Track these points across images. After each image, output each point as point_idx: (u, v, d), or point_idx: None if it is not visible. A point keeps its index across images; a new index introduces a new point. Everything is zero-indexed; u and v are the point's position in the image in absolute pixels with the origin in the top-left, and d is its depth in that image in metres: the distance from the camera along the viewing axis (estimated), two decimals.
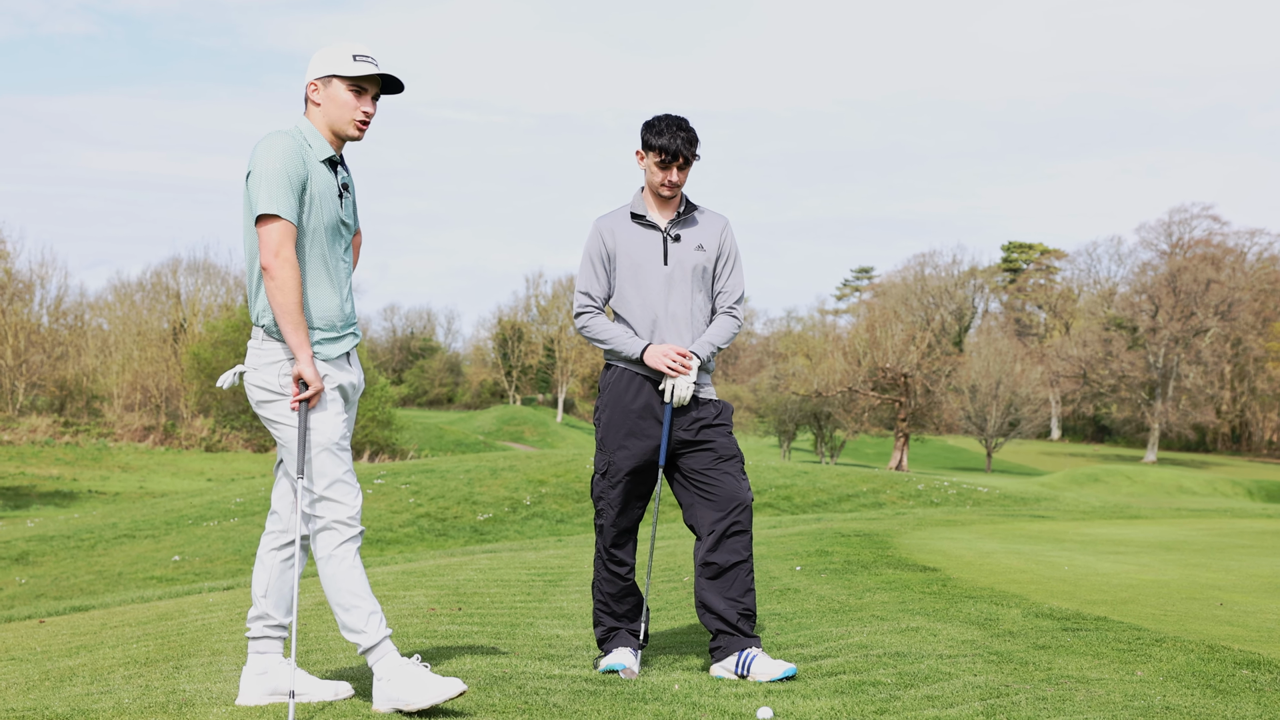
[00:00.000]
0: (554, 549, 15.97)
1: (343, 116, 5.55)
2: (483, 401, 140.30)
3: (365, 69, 5.57)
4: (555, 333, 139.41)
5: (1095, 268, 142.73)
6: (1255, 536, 15.24)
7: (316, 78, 5.55)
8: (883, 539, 13.13)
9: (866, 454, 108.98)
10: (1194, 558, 12.02)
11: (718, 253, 6.68)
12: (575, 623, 8.26)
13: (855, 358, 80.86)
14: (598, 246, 6.65)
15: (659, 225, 6.62)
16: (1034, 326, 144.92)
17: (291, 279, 5.29)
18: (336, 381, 5.51)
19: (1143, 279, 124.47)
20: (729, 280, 6.73)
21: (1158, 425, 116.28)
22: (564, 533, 24.76)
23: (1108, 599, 8.77)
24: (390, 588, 10.25)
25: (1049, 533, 15.40)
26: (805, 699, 5.73)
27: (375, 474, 30.00)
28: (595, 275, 6.68)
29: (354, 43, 5.61)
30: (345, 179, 5.64)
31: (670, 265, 6.58)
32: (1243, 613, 8.20)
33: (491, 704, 5.49)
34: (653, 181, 6.57)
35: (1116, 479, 67.51)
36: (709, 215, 6.75)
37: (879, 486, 30.18)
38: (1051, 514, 20.88)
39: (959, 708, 5.45)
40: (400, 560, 16.21)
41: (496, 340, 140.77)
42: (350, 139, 5.61)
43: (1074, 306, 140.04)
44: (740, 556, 6.49)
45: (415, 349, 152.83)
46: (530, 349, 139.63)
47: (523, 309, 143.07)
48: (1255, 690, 5.69)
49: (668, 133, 6.50)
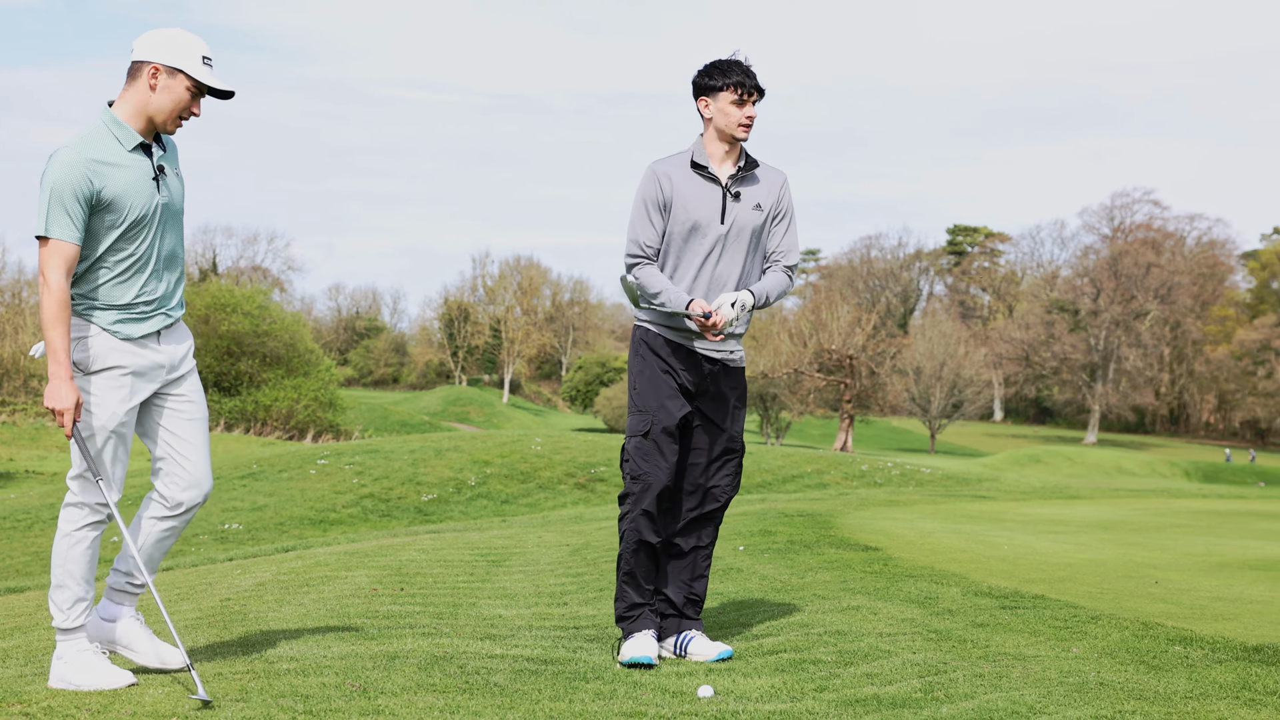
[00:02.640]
0: (498, 529, 15.97)
1: (171, 111, 5.53)
2: (428, 382, 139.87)
3: (213, 77, 5.56)
4: (502, 313, 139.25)
5: (1038, 251, 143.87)
6: (1191, 516, 15.41)
7: (163, 64, 5.49)
8: (826, 519, 13.20)
9: (812, 435, 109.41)
10: (1131, 537, 12.14)
11: (775, 210, 6.40)
12: (518, 602, 8.26)
13: (801, 340, 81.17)
14: (654, 192, 6.30)
15: (720, 179, 6.31)
16: (978, 309, 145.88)
17: (50, 302, 5.35)
18: (129, 366, 5.56)
19: (1085, 262, 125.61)
20: (785, 238, 6.44)
21: (1098, 407, 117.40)
22: (508, 513, 24.74)
23: (1045, 577, 8.85)
24: (332, 568, 10.22)
25: (990, 513, 15.52)
26: (746, 677, 5.76)
27: (319, 455, 29.87)
28: (650, 222, 6.31)
29: (202, 41, 5.59)
30: (162, 159, 5.61)
31: (727, 224, 6.28)
32: (1177, 590, 8.30)
33: (432, 684, 5.49)
34: (730, 123, 6.23)
35: (1057, 460, 68.12)
36: (768, 171, 6.44)
37: (823, 467, 30.31)
38: (992, 494, 21.05)
39: (898, 685, 5.50)
40: (343, 541, 16.16)
41: (442, 320, 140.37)
42: (166, 133, 5.62)
43: (1017, 289, 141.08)
44: (703, 543, 6.48)
45: (360, 329, 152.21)
46: (476, 329, 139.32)
47: (469, 289, 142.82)
48: (1187, 666, 5.76)
49: (736, 68, 6.22)
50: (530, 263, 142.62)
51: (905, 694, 5.32)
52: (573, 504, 26.14)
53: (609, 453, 29.90)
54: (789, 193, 6.44)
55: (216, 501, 24.98)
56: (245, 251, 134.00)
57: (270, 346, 64.01)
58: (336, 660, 5.98)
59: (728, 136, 6.29)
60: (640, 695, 5.42)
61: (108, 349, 5.51)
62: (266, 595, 8.63)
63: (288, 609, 7.85)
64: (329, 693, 5.30)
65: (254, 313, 64.29)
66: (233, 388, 63.18)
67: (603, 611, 7.79)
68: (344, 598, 8.34)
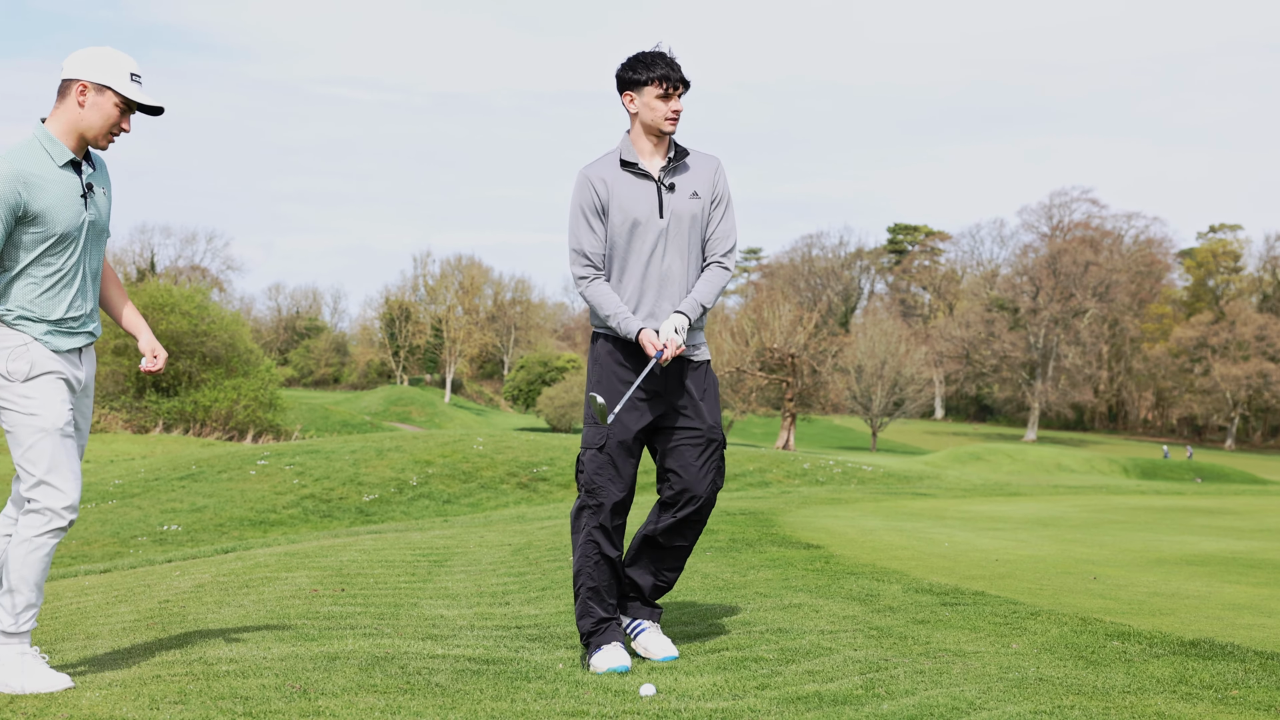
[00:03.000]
0: (440, 529, 15.90)
1: (102, 127, 5.59)
2: (369, 382, 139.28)
3: (141, 94, 5.61)
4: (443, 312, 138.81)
5: (978, 250, 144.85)
6: (1129, 512, 15.55)
7: (91, 82, 5.53)
8: (768, 517, 13.23)
9: (754, 434, 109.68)
10: (1070, 533, 12.24)
11: (711, 197, 6.27)
12: (460, 602, 8.23)
13: (743, 338, 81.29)
14: (589, 198, 6.18)
15: (652, 173, 6.20)
16: (919, 307, 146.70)
17: None
18: (64, 373, 5.61)
19: (1024, 261, 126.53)
20: (720, 225, 6.30)
21: (1038, 404, 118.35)
22: (450, 513, 24.66)
23: (986, 574, 8.91)
24: (272, 569, 10.15)
25: (930, 510, 15.60)
26: (688, 675, 5.76)
27: (259, 455, 29.67)
28: (590, 230, 6.19)
29: (129, 58, 5.62)
30: (91, 178, 5.65)
31: (666, 218, 6.18)
32: (1115, 586, 8.37)
33: (373, 684, 5.47)
34: (656, 117, 6.12)
35: (997, 457, 68.53)
36: (700, 157, 6.33)
37: (765, 466, 30.38)
38: (933, 492, 21.15)
39: (839, 682, 5.52)
40: (284, 541, 16.05)
41: (384, 320, 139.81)
42: (98, 149, 5.67)
43: (957, 288, 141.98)
44: (686, 541, 6.37)
45: (301, 329, 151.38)
46: (418, 329, 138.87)
47: (410, 288, 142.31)
48: (1125, 661, 5.81)
49: (660, 61, 6.10)
50: (472, 262, 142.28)
51: (846, 691, 5.34)
52: (515, 503, 26.08)
53: (551, 452, 29.86)
54: (724, 177, 6.34)
55: (155, 503, 24.78)
56: (184, 251, 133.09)
57: (209, 346, 63.47)
58: (276, 661, 5.94)
59: (655, 130, 6.19)
60: (582, 694, 5.41)
61: (44, 356, 5.55)
62: (205, 597, 8.56)
63: (227, 610, 7.80)
64: (269, 694, 5.27)
65: (193, 312, 63.71)
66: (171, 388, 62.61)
67: (545, 611, 7.78)
68: (284, 599, 8.29)
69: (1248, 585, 8.58)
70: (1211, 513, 16.00)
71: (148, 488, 26.46)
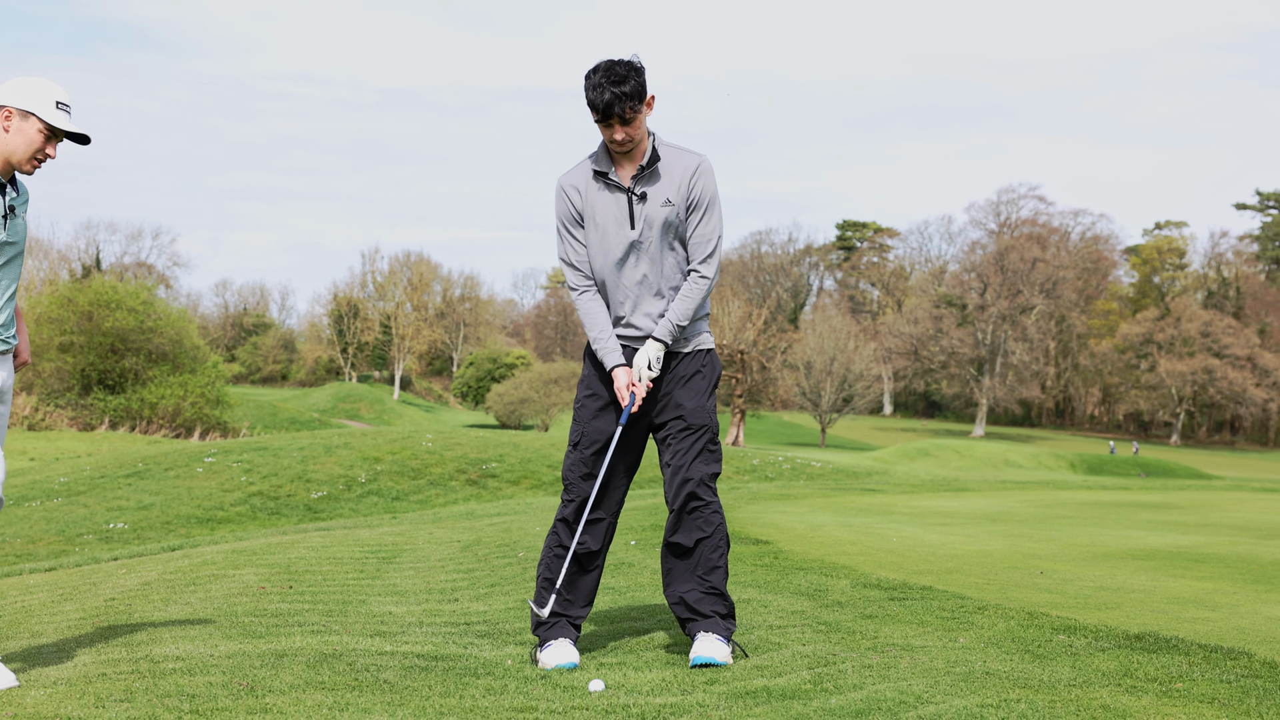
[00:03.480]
0: (389, 526, 15.86)
1: (26, 153, 5.67)
2: (318, 379, 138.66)
3: (66, 121, 5.68)
4: (392, 309, 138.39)
5: (927, 246, 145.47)
6: (1076, 508, 15.67)
7: (16, 108, 5.62)
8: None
9: None
10: (1017, 528, 12.32)
11: (686, 201, 6.05)
12: (408, 599, 8.21)
13: None
14: (566, 209, 6.12)
15: (623, 183, 6.05)
16: (867, 304, 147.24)
17: None
18: None
19: (972, 257, 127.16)
20: (698, 229, 6.08)
21: (985, 401, 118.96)
22: (399, 510, 24.58)
23: (934, 569, 8.96)
24: (220, 566, 10.09)
25: (879, 505, 15.67)
26: (637, 671, 5.76)
27: (206, 452, 29.47)
28: (573, 239, 6.14)
29: (57, 87, 5.71)
30: (13, 200, 5.72)
31: (639, 228, 6.04)
32: (1061, 581, 8.44)
33: (321, 681, 5.44)
34: (606, 138, 5.98)
35: (945, 453, 68.89)
36: (677, 160, 6.09)
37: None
38: (882, 487, 21.25)
39: (787, 677, 5.53)
40: (231, 539, 15.96)
41: (332, 317, 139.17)
42: (23, 173, 5.73)
43: (906, 284, 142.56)
44: (705, 533, 6.12)
45: (248, 325, 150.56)
46: (366, 325, 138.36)
47: (359, 285, 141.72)
48: (1071, 654, 5.86)
49: (597, 88, 5.85)
50: (420, 258, 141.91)
51: (795, 685, 5.35)
52: (464, 500, 26.03)
53: (500, 449, 29.81)
54: (703, 179, 6.06)
55: (101, 501, 24.58)
56: (129, 247, 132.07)
57: (156, 343, 63.02)
58: (223, 659, 5.91)
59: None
60: (531, 690, 5.40)
61: None
62: (152, 595, 8.50)
63: (174, 608, 7.75)
64: (216, 691, 5.24)
65: (139, 309, 63.23)
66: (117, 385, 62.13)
67: (494, 607, 7.76)
68: (231, 596, 8.24)
69: (1192, 579, 8.66)
70: (1157, 508, 16.15)
71: (94, 485, 26.24)
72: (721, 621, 6.07)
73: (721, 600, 6.11)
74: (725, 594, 6.13)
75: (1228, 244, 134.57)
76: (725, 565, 6.17)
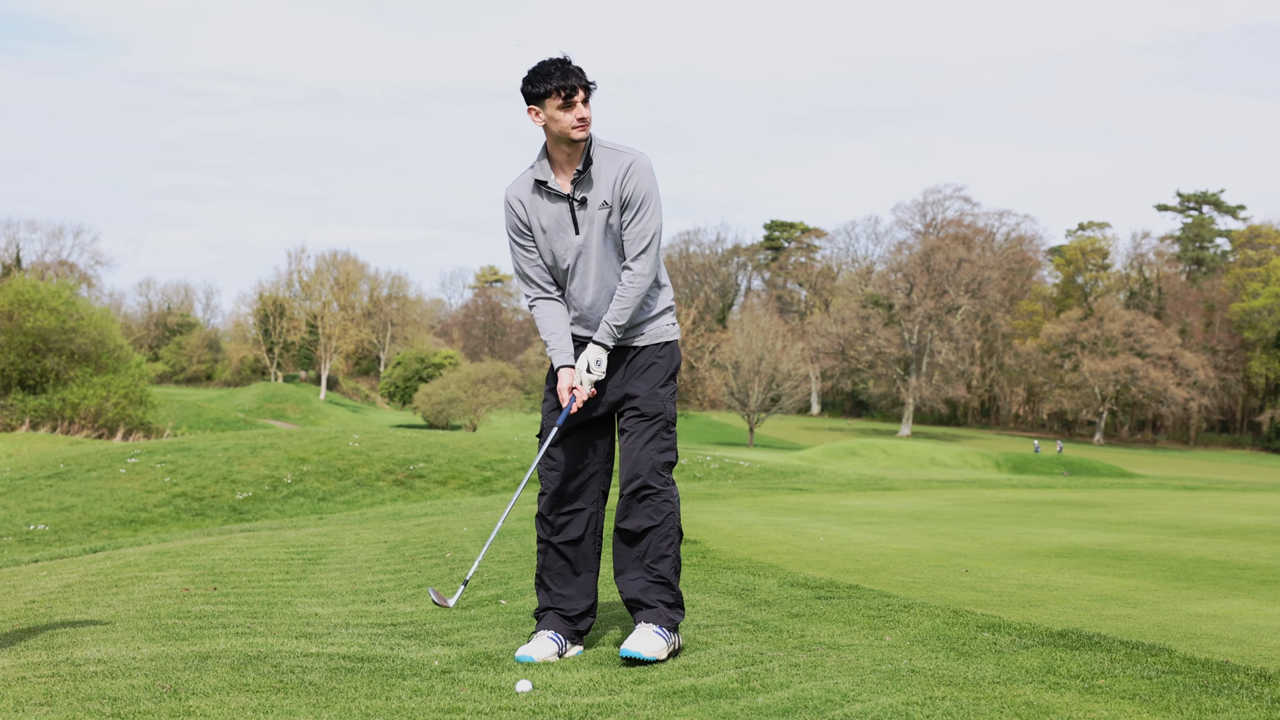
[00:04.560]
0: (315, 527, 15.75)
1: None
2: (243, 379, 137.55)
3: None
4: (319, 309, 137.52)
5: (854, 246, 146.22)
6: (1000, 506, 15.81)
7: None
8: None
9: None
10: (943, 527, 12.41)
11: (620, 202, 6.04)
12: (334, 600, 8.15)
13: None
14: (512, 220, 6.15)
15: (563, 190, 6.06)
16: (795, 304, 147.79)
17: None
18: None
19: (898, 258, 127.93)
20: (630, 227, 6.06)
21: (912, 400, 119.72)
22: (325, 511, 24.43)
23: (860, 567, 9.00)
24: (143, 568, 9.98)
25: (807, 505, 15.74)
26: (564, 671, 5.75)
27: (129, 453, 29.17)
28: (523, 250, 6.17)
29: None
30: None
31: (583, 233, 6.08)
32: (986, 578, 8.50)
33: (245, 683, 5.39)
34: (563, 128, 5.94)
35: (872, 452, 69.27)
36: (610, 160, 6.08)
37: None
38: (810, 487, 21.34)
39: (714, 676, 5.54)
40: (155, 540, 15.80)
41: (257, 316, 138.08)
42: None
43: (833, 284, 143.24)
44: (655, 521, 6.12)
45: (172, 325, 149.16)
46: (292, 325, 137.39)
47: (285, 285, 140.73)
48: (995, 652, 5.90)
49: (557, 71, 5.90)
50: (347, 258, 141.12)
51: (722, 685, 5.36)
52: (391, 500, 25.91)
53: (428, 449, 29.69)
54: (636, 177, 6.03)
55: (21, 502, 24.27)
56: (50, 246, 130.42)
57: (78, 343, 62.29)
58: (146, 661, 5.84)
59: (566, 140, 6.02)
60: (458, 691, 5.38)
61: None
62: (73, 597, 8.39)
63: (95, 610, 7.65)
64: (138, 695, 5.18)
65: (60, 309, 62.48)
66: (38, 385, 61.37)
67: (420, 608, 7.73)
68: (155, 598, 8.15)
69: (1114, 576, 8.76)
70: (1080, 506, 16.32)
71: (13, 487, 25.90)
72: (666, 611, 6.09)
73: (668, 590, 6.13)
74: (673, 584, 6.15)
75: (1149, 245, 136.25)
76: (675, 555, 6.20)
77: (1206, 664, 5.62)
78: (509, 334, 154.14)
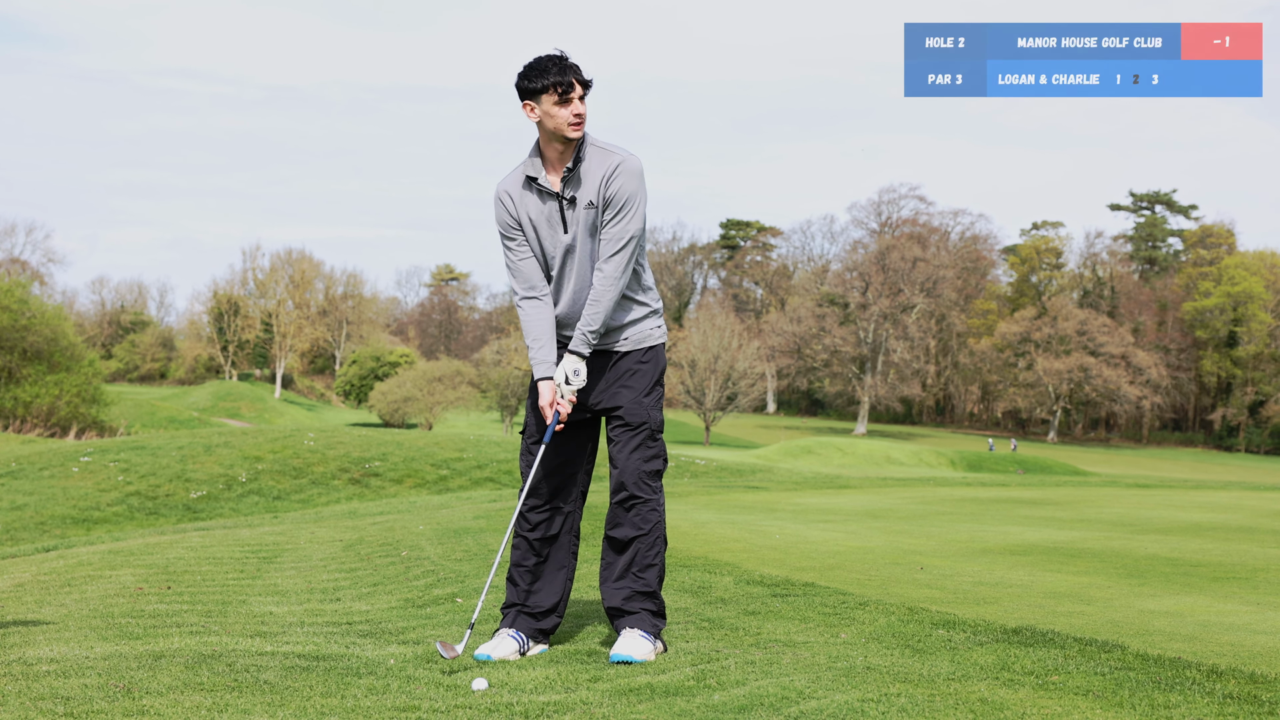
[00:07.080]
0: (270, 526, 15.68)
1: None
2: (197, 377, 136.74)
3: None
4: (273, 307, 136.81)
5: (809, 245, 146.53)
6: (955, 504, 15.88)
7: None
8: (601, 511, 13.23)
9: None
10: (898, 525, 12.46)
11: (602, 202, 6.01)
12: (289, 599, 8.12)
13: None
14: (502, 216, 6.13)
15: (554, 188, 6.04)
16: (751, 302, 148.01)
17: None
18: None
19: (854, 257, 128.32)
20: (608, 228, 6.01)
21: (867, 398, 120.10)
22: (281, 509, 24.32)
23: (816, 565, 9.03)
24: (96, 567, 9.91)
25: (763, 503, 15.77)
26: (520, 669, 5.75)
27: (82, 452, 28.95)
28: (512, 248, 6.15)
29: None
30: None
31: (570, 232, 6.05)
32: (941, 576, 8.55)
33: (200, 682, 5.36)
34: (559, 124, 5.92)
35: (828, 451, 69.49)
36: (597, 160, 6.05)
37: (599, 460, 30.40)
38: (765, 485, 21.38)
39: (670, 674, 5.55)
40: (108, 539, 15.69)
41: (212, 314, 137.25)
42: None
43: (789, 283, 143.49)
44: (642, 530, 6.14)
45: (126, 323, 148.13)
46: (247, 323, 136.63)
47: (239, 282, 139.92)
48: (950, 649, 5.93)
49: (554, 67, 5.89)
50: (302, 255, 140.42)
51: (678, 682, 5.37)
52: (346, 499, 25.81)
53: (383, 448, 29.60)
54: (623, 178, 6.00)
55: None
56: (2, 243, 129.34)
57: (30, 341, 61.76)
58: (99, 661, 5.80)
59: (560, 137, 5.99)
60: (414, 689, 5.37)
61: None
62: (25, 596, 8.33)
63: (48, 609, 7.60)
64: (91, 694, 5.14)
65: (13, 307, 61.95)
66: None
67: (376, 607, 7.71)
68: (108, 597, 8.10)
69: (1068, 574, 8.82)
70: (1034, 504, 16.42)
71: None
72: (650, 618, 6.12)
73: (652, 599, 6.16)
74: (656, 593, 6.18)
75: (1103, 244, 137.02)
76: (661, 563, 6.23)
77: (1159, 660, 5.67)
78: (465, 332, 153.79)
